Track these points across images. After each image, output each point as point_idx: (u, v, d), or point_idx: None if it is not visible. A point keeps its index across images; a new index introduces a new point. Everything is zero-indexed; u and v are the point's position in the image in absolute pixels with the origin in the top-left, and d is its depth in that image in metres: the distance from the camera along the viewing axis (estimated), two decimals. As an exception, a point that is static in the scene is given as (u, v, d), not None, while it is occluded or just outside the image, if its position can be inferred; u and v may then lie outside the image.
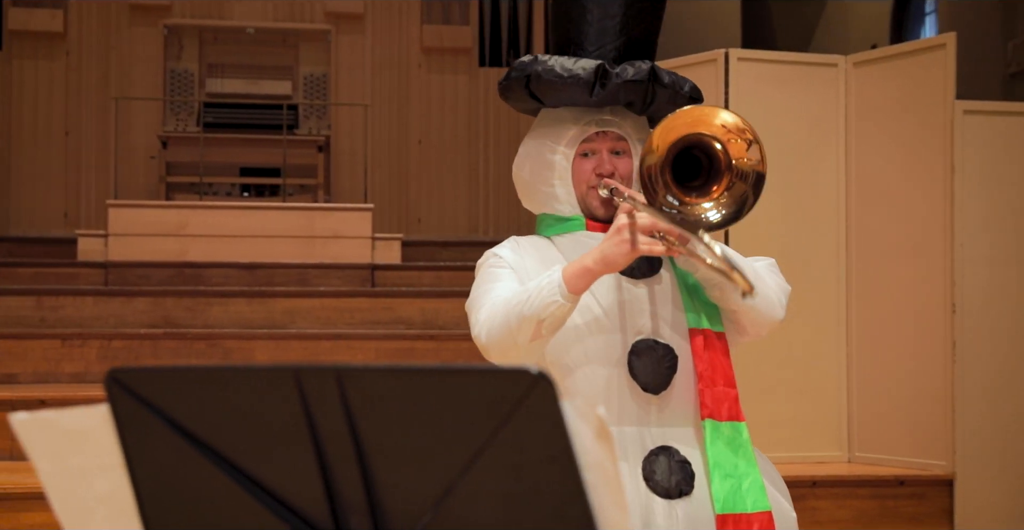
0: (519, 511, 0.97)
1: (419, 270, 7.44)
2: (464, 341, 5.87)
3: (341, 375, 0.96)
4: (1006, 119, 4.63)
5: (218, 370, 1.01)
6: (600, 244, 2.02)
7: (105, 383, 1.02)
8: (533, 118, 2.37)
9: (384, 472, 1.00)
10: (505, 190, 8.61)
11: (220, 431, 1.02)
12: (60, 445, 1.07)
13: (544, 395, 0.91)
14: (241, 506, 1.04)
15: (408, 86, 8.60)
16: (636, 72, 2.17)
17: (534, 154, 2.27)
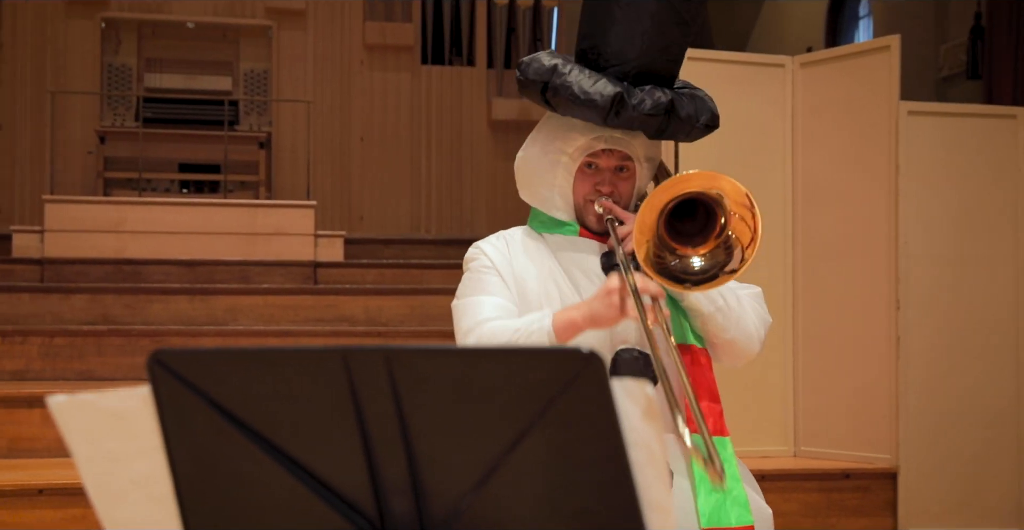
0: (562, 489, 0.99)
1: (362, 268, 7.42)
2: (413, 338, 5.89)
3: (390, 356, 0.98)
4: (948, 120, 4.74)
5: (264, 352, 1.02)
6: (590, 302, 2.05)
7: (148, 365, 1.03)
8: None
9: (428, 453, 1.01)
10: (448, 188, 8.62)
11: (263, 413, 1.03)
12: (97, 428, 1.07)
13: (594, 374, 0.94)
14: (283, 487, 1.05)
15: (350, 83, 8.57)
16: (654, 106, 2.16)
17: (541, 153, 2.25)
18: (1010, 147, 4.76)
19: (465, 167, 8.64)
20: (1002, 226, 4.74)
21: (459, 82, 8.67)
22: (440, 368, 0.98)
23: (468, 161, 8.64)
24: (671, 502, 0.98)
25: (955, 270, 4.66)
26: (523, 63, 2.24)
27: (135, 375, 5.63)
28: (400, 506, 1.04)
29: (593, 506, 0.99)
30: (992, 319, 4.70)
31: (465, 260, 2.29)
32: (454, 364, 0.97)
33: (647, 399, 0.94)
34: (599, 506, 0.99)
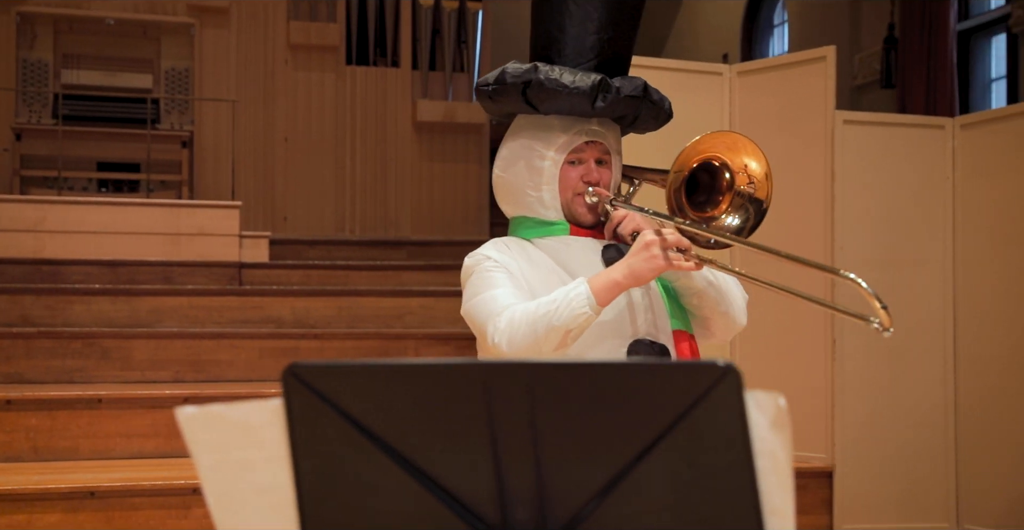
0: (686, 497, 1.05)
1: (288, 269, 7.38)
2: (347, 340, 5.89)
3: (532, 370, 1.02)
4: (881, 129, 4.91)
5: (404, 366, 1.05)
6: (628, 259, 2.12)
7: (283, 377, 1.06)
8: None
9: (555, 463, 1.06)
10: (372, 189, 8.62)
11: (394, 424, 1.06)
12: (224, 438, 1.10)
13: (730, 386, 0.99)
14: (408, 496, 1.08)
15: (274, 83, 8.52)
16: (633, 88, 2.27)
17: (521, 158, 2.32)
18: (939, 156, 4.95)
19: (390, 168, 8.64)
20: (932, 231, 4.92)
21: (384, 83, 8.67)
22: (579, 381, 1.02)
23: (393, 162, 8.64)
24: (792, 507, 1.04)
25: (888, 273, 4.83)
26: (489, 77, 2.34)
27: (66, 378, 5.55)
28: (523, 514, 1.08)
29: (715, 513, 1.04)
30: (923, 321, 4.88)
31: (465, 268, 2.32)
32: (593, 377, 1.02)
33: (777, 409, 1.00)
34: (721, 513, 1.04)
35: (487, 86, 2.33)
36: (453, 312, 6.84)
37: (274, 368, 5.72)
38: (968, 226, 4.89)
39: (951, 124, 4.98)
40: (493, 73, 2.35)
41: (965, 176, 4.92)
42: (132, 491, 4.18)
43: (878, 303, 1.80)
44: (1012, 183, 4.78)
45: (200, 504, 4.21)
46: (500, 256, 2.28)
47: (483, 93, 2.34)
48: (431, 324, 6.59)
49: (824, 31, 8.71)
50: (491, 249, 2.32)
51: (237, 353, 5.73)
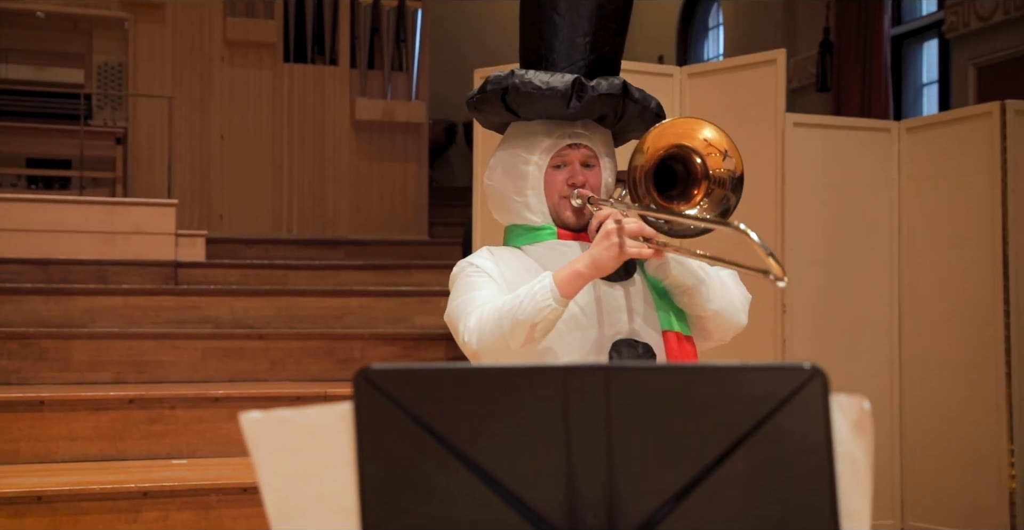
0: (763, 501, 1.04)
1: (225, 268, 7.28)
2: (292, 340, 5.83)
3: (610, 374, 1.01)
4: (830, 132, 4.97)
5: (479, 371, 1.04)
6: (590, 249, 2.12)
7: (354, 381, 1.03)
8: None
9: (629, 468, 1.05)
10: (310, 188, 8.53)
11: (467, 429, 1.05)
12: (287, 443, 1.07)
13: (816, 390, 0.99)
14: (477, 501, 1.07)
15: (211, 79, 8.39)
16: (610, 86, 2.27)
17: (507, 165, 2.33)
18: (886, 158, 5.02)
19: (328, 167, 8.57)
20: (879, 232, 4.99)
21: (322, 81, 8.59)
22: (658, 384, 1.01)
23: (331, 161, 8.57)
24: (869, 510, 1.04)
25: (836, 274, 4.89)
26: (476, 91, 2.35)
27: (2, 380, 5.41)
28: (592, 520, 1.07)
29: (792, 516, 1.04)
30: (870, 321, 4.95)
31: (451, 276, 2.31)
32: (673, 380, 1.01)
33: (860, 412, 1.00)
34: (798, 516, 1.04)
35: (472, 97, 2.36)
36: (394, 312, 6.83)
37: (218, 369, 5.64)
38: (913, 228, 4.98)
39: (897, 127, 5.07)
40: (475, 90, 2.37)
41: (910, 178, 5.00)
42: (80, 495, 4.09)
43: (764, 251, 1.83)
44: (955, 186, 4.87)
45: (150, 508, 4.13)
46: (484, 262, 2.28)
47: (470, 105, 2.37)
48: (372, 324, 6.55)
49: (760, 34, 8.82)
50: (477, 256, 2.32)
51: (180, 354, 5.64)
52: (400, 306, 6.80)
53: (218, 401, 4.89)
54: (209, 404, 4.87)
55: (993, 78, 7.11)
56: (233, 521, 4.16)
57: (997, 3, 7.04)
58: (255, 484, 3.67)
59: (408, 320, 6.75)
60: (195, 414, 4.84)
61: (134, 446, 4.76)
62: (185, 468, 4.56)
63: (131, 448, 4.75)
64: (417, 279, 7.39)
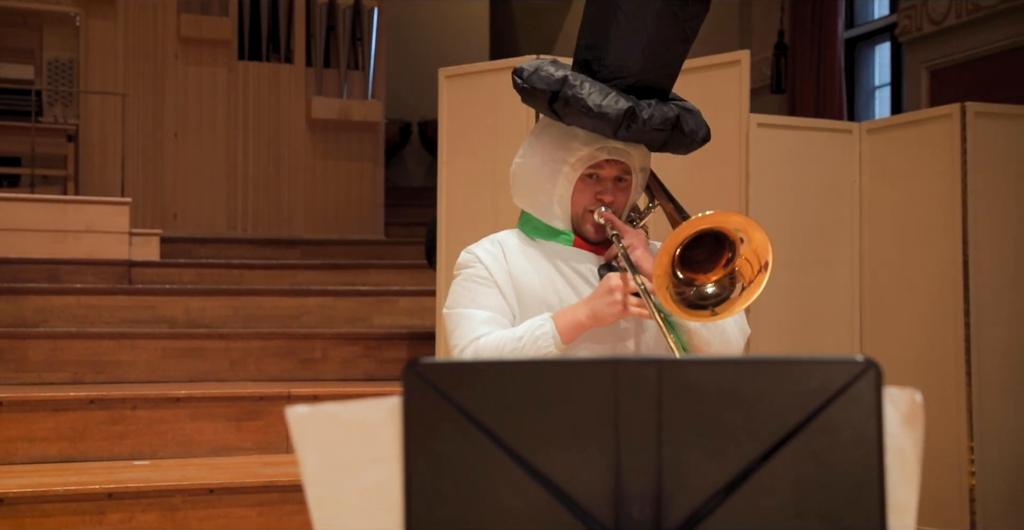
0: (811, 494, 1.05)
1: (179, 267, 7.21)
2: (252, 340, 5.78)
3: (663, 367, 1.01)
4: (793, 132, 5.01)
5: (530, 364, 1.03)
6: (591, 301, 2.14)
7: (404, 375, 1.03)
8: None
9: (678, 461, 1.05)
10: (265, 187, 8.46)
11: (516, 423, 1.04)
12: (333, 438, 1.06)
13: (869, 382, 1.00)
14: (524, 495, 1.06)
15: (164, 77, 8.29)
16: (663, 121, 2.22)
17: (541, 161, 2.28)
18: (847, 159, 5.08)
19: (283, 166, 8.50)
20: (840, 232, 5.04)
21: (277, 79, 8.52)
22: (711, 378, 1.01)
23: (286, 160, 8.50)
24: (915, 503, 1.04)
25: (800, 274, 4.93)
26: (524, 71, 2.25)
27: (-40, 380, 5.33)
28: (639, 514, 1.07)
29: (840, 509, 1.04)
30: (832, 320, 5.00)
31: (457, 265, 2.30)
32: (726, 374, 1.01)
33: (912, 405, 1.01)
34: (845, 509, 1.04)
35: (519, 80, 2.26)
36: (352, 312, 6.79)
37: (177, 369, 5.58)
38: (874, 228, 5.03)
39: (858, 128, 5.12)
40: (531, 66, 2.26)
41: (871, 179, 5.06)
42: (43, 497, 4.03)
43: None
44: (916, 186, 4.93)
45: (115, 510, 4.08)
46: (492, 261, 2.26)
47: (515, 85, 2.28)
48: (330, 324, 6.51)
49: (714, 37, 8.87)
50: (485, 251, 2.29)
51: (138, 354, 5.57)
52: (359, 306, 6.77)
53: (180, 401, 4.84)
54: (171, 404, 4.81)
55: (945, 81, 7.21)
56: (199, 522, 4.12)
57: (949, 7, 7.14)
58: (222, 485, 3.63)
59: (367, 320, 6.72)
60: (157, 414, 4.79)
61: (95, 447, 4.69)
62: (148, 469, 4.51)
63: (92, 449, 4.68)
64: (375, 279, 7.36)
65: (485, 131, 4.95)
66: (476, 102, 5.02)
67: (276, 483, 4.25)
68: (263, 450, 4.87)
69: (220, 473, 4.38)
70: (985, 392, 4.76)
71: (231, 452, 4.83)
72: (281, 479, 4.28)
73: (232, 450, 4.83)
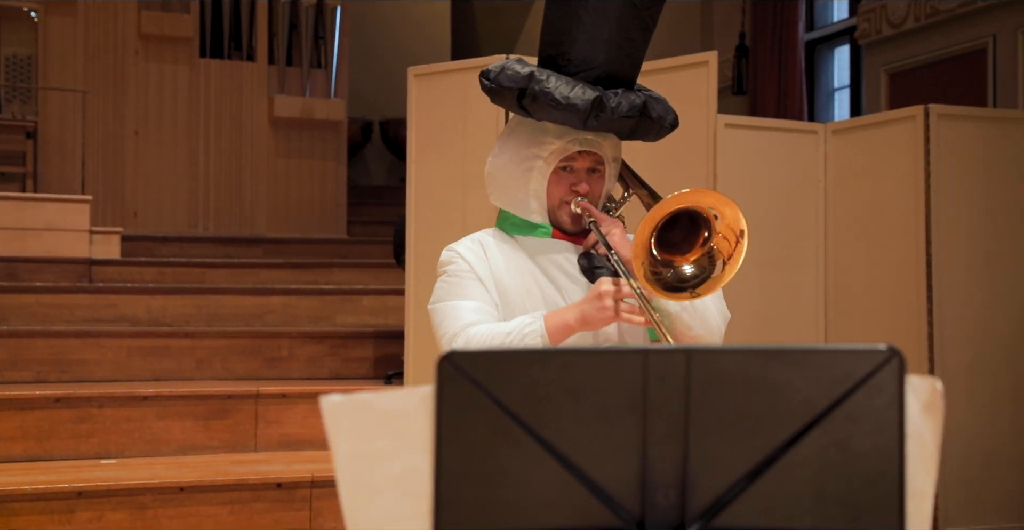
0: (832, 480, 1.07)
1: (140, 266, 7.15)
2: (219, 339, 5.75)
3: (691, 356, 1.03)
4: (759, 133, 5.07)
5: (561, 353, 1.05)
6: (581, 305, 2.15)
7: (438, 364, 1.04)
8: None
9: (704, 449, 1.07)
10: (227, 185, 8.42)
11: (546, 411, 1.06)
12: (365, 427, 1.08)
13: (892, 371, 1.02)
14: (552, 481, 1.08)
15: (124, 74, 8.22)
16: (630, 107, 2.25)
17: (514, 158, 2.31)
18: (812, 160, 5.14)
19: (245, 164, 8.46)
20: (806, 232, 5.11)
21: (239, 77, 8.48)
22: (738, 366, 1.04)
23: (249, 158, 8.46)
24: (933, 489, 1.07)
25: (766, 273, 4.99)
26: (491, 72, 2.29)
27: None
28: (664, 500, 1.09)
29: (859, 495, 1.07)
30: (797, 320, 5.06)
31: (440, 263, 2.32)
32: (753, 362, 1.04)
33: (932, 393, 1.04)
34: (865, 495, 1.07)
35: (486, 81, 2.29)
36: (315, 311, 6.78)
37: (143, 368, 5.54)
38: (839, 227, 5.10)
39: (823, 129, 5.19)
40: (496, 66, 2.30)
41: (836, 180, 5.12)
42: (11, 496, 3.99)
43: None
44: (880, 187, 5.00)
45: (84, 508, 4.05)
46: (474, 257, 2.28)
47: (482, 87, 2.32)
48: (293, 323, 6.49)
49: (676, 39, 8.93)
50: (466, 248, 2.31)
51: (103, 352, 5.52)
52: (322, 305, 6.75)
53: (147, 400, 4.81)
54: (138, 403, 4.78)
55: (904, 84, 7.31)
56: (170, 521, 4.10)
57: (908, 11, 7.24)
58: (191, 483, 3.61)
59: (330, 319, 6.70)
60: (124, 413, 4.75)
61: (61, 446, 4.66)
62: (116, 468, 4.48)
63: (58, 448, 4.65)
64: (338, 278, 7.35)
65: (455, 130, 4.97)
66: (445, 101, 5.03)
67: (247, 481, 4.23)
68: (231, 449, 4.85)
69: (189, 472, 4.36)
70: (948, 389, 4.82)
71: (199, 451, 4.81)
72: (251, 477, 4.26)
73: (200, 449, 4.81)
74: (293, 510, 4.26)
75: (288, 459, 4.70)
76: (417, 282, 5.00)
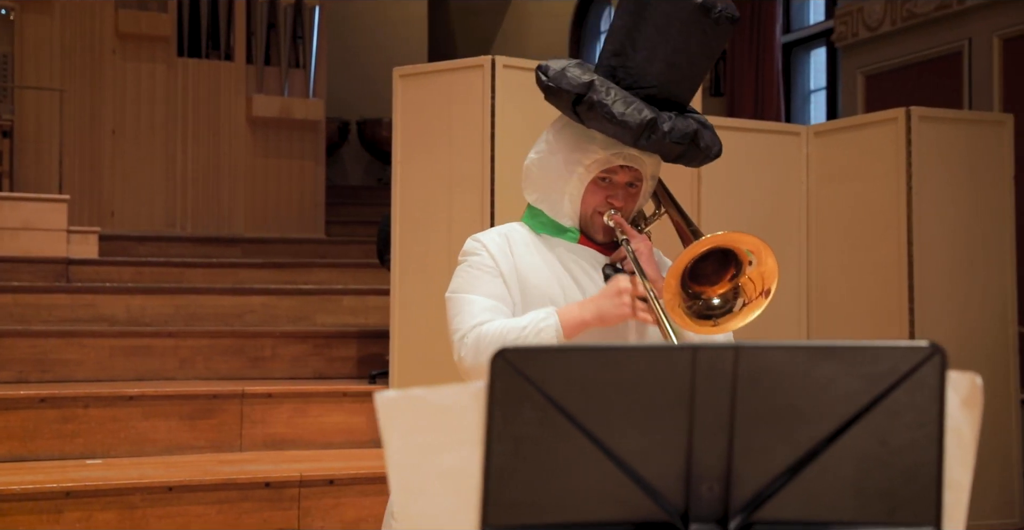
0: (872, 473, 1.10)
1: (118, 265, 7.12)
2: (202, 338, 5.74)
3: (740, 352, 1.06)
4: (743, 135, 5.11)
5: (612, 350, 1.07)
6: (598, 301, 2.17)
7: (492, 360, 1.06)
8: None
9: (749, 443, 1.10)
10: (205, 185, 8.39)
11: (596, 406, 1.08)
12: (417, 422, 1.09)
13: (934, 366, 1.05)
14: (600, 477, 1.10)
15: (102, 73, 8.18)
16: (682, 136, 2.26)
17: (559, 161, 2.31)
18: (795, 161, 5.19)
19: (223, 164, 8.43)
20: (789, 232, 5.15)
21: (217, 76, 8.45)
22: (785, 362, 1.06)
23: (227, 157, 8.43)
24: (969, 482, 1.10)
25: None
26: (550, 69, 2.28)
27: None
28: (708, 493, 1.12)
29: (898, 487, 1.10)
30: (780, 318, 5.10)
31: (464, 252, 2.32)
32: (800, 358, 1.06)
33: (971, 388, 1.07)
34: (904, 487, 1.10)
35: (544, 77, 2.28)
36: (295, 311, 6.77)
37: (126, 367, 5.52)
38: (822, 229, 5.15)
39: (806, 131, 5.24)
40: (557, 65, 2.29)
41: (818, 181, 5.18)
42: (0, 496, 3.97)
43: None
44: (862, 188, 5.06)
45: (73, 508, 4.04)
46: (498, 250, 2.29)
47: (539, 81, 2.30)
48: (273, 323, 6.49)
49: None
50: (494, 241, 2.31)
51: (86, 352, 5.50)
52: (302, 305, 6.75)
53: (133, 400, 4.80)
54: (124, 403, 4.77)
55: (881, 86, 7.38)
56: (158, 521, 4.10)
57: (885, 14, 7.32)
58: (180, 483, 3.61)
59: (310, 319, 6.70)
60: (109, 413, 4.74)
61: (46, 446, 4.64)
62: (102, 468, 4.46)
63: (43, 448, 4.63)
64: (317, 277, 7.35)
65: (440, 130, 4.97)
66: (431, 101, 5.04)
67: (235, 481, 4.23)
68: (217, 448, 4.85)
69: (176, 471, 4.35)
70: (928, 388, 4.89)
71: (184, 451, 4.80)
72: (239, 477, 4.26)
73: (186, 449, 4.80)
74: (281, 509, 4.26)
75: (275, 459, 4.71)
76: (402, 282, 5.00)
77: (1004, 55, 6.60)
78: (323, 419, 5.03)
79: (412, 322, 4.96)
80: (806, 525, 1.12)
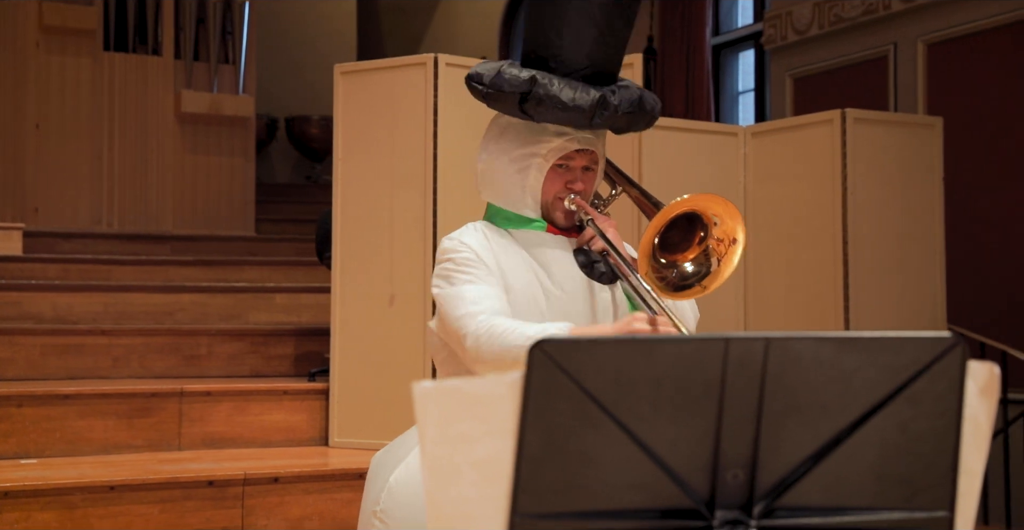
0: (892, 460, 1.14)
1: (43, 262, 6.99)
2: (136, 337, 5.66)
3: (771, 343, 1.08)
4: (685, 135, 5.18)
5: (646, 341, 1.09)
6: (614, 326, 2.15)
7: (529, 352, 1.08)
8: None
9: (775, 431, 1.13)
10: (132, 181, 8.26)
11: (628, 396, 1.10)
12: (452, 412, 1.10)
13: (956, 357, 1.09)
14: (630, 467, 1.12)
15: (25, 66, 8.00)
16: (631, 102, 2.33)
17: (510, 157, 2.35)
18: (732, 161, 5.27)
19: (151, 160, 8.30)
20: (726, 233, 5.22)
21: (144, 71, 8.32)
22: (812, 353, 1.09)
23: (155, 153, 8.31)
24: (983, 468, 1.14)
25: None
26: (483, 76, 2.31)
27: None
28: (733, 480, 1.14)
29: (916, 473, 1.14)
30: (718, 315, 5.18)
31: (443, 250, 2.32)
32: (827, 348, 1.09)
33: (990, 377, 1.11)
34: (921, 474, 1.14)
35: (481, 86, 2.31)
36: (227, 309, 6.70)
37: (59, 366, 5.43)
38: (758, 227, 5.24)
39: (743, 132, 5.32)
40: (488, 70, 2.32)
41: (756, 181, 5.26)
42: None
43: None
44: (796, 187, 5.15)
45: (11, 508, 3.96)
46: (480, 247, 2.30)
47: (476, 91, 2.33)
48: (204, 321, 6.41)
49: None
50: (470, 236, 2.33)
51: (16, 350, 5.39)
52: (234, 303, 6.68)
53: (68, 399, 4.71)
54: (58, 402, 4.68)
55: (809, 88, 7.51)
56: (100, 520, 4.03)
57: (813, 18, 7.45)
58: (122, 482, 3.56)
59: (243, 317, 6.64)
60: (43, 412, 4.65)
61: (-22, 446, 4.54)
62: (38, 467, 4.38)
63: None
64: (249, 275, 7.27)
65: (382, 127, 4.96)
66: (372, 99, 5.03)
67: (178, 480, 4.18)
68: (155, 447, 4.79)
69: (116, 470, 4.29)
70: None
71: (122, 450, 4.73)
72: (182, 476, 4.21)
73: (123, 448, 4.73)
74: (225, 508, 4.22)
75: (215, 457, 4.66)
76: (343, 280, 4.98)
77: (928, 59, 6.76)
78: (263, 417, 4.99)
79: (353, 320, 4.95)
80: (827, 510, 1.15)
